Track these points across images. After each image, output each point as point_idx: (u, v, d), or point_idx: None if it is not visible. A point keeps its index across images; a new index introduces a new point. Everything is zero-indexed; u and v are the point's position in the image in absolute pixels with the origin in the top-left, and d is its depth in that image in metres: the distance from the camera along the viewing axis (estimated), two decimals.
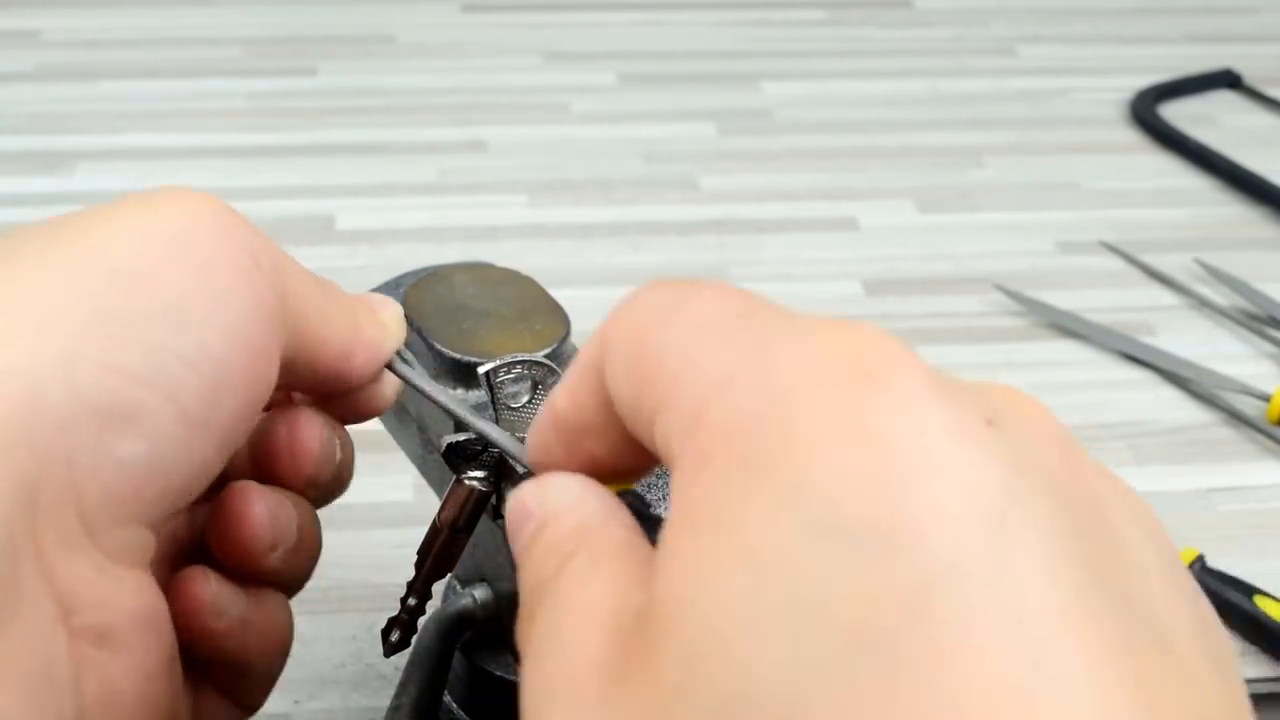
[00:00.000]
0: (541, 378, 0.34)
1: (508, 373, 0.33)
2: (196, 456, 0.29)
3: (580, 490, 0.26)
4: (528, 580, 0.26)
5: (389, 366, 0.35)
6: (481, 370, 0.33)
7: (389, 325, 0.35)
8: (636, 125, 0.84)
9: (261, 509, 0.32)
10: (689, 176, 0.79)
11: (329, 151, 0.80)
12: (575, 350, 0.43)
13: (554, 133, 0.83)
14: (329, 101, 0.85)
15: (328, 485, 0.35)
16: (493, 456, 0.34)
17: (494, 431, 0.33)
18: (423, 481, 0.44)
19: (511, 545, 0.27)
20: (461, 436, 0.34)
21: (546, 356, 0.36)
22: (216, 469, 0.30)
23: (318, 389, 0.34)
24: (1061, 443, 0.23)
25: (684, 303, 0.24)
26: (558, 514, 0.26)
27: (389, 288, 0.44)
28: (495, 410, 0.34)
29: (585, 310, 0.47)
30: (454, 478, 0.34)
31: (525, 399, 0.34)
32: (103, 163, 0.78)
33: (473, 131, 0.82)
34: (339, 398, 0.35)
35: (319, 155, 0.79)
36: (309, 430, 0.34)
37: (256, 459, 0.34)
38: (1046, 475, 0.21)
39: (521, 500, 0.27)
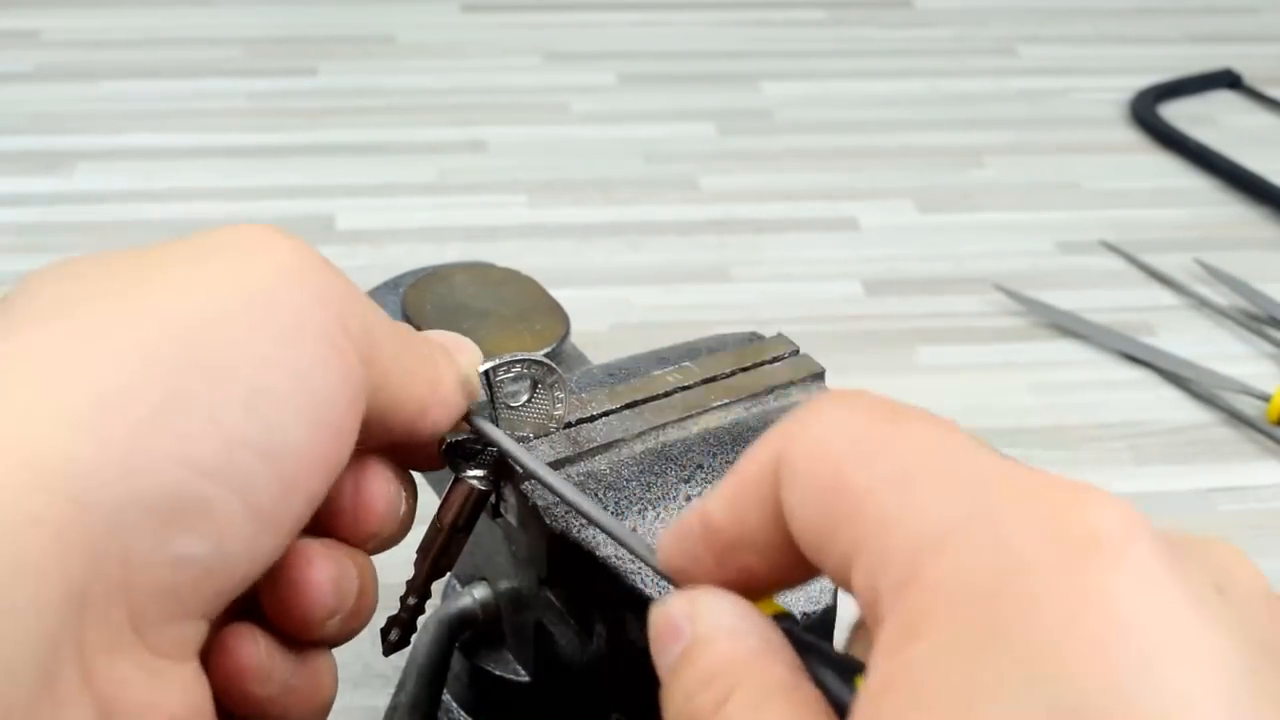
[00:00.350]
0: (541, 376, 0.34)
1: (507, 372, 0.33)
2: (261, 550, 0.27)
3: (737, 615, 0.25)
4: (677, 707, 0.24)
5: (468, 420, 0.32)
6: (481, 370, 0.33)
7: (469, 378, 0.32)
8: (636, 125, 0.84)
9: (324, 576, 0.29)
10: (689, 176, 0.79)
11: (329, 151, 0.80)
12: (575, 350, 0.43)
13: (554, 133, 0.83)
14: (329, 101, 0.85)
15: (391, 538, 0.32)
16: (492, 456, 0.34)
17: (598, 513, 0.31)
18: (423, 481, 0.44)
19: (655, 660, 0.25)
20: (462, 436, 0.34)
21: (546, 356, 0.36)
22: (277, 555, 0.28)
23: (387, 445, 0.31)
24: (1272, 603, 0.23)
25: (889, 438, 0.23)
26: (713, 639, 0.24)
27: (389, 288, 0.44)
28: (495, 410, 0.34)
29: (585, 310, 0.47)
30: (454, 477, 0.34)
31: (525, 398, 0.34)
32: (103, 163, 0.78)
33: (473, 131, 0.82)
34: (408, 448, 0.32)
35: (319, 155, 0.79)
36: (376, 487, 0.31)
37: (316, 510, 0.31)
38: (1271, 644, 0.21)
39: (669, 614, 0.25)
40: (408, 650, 0.37)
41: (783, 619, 0.25)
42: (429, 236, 0.73)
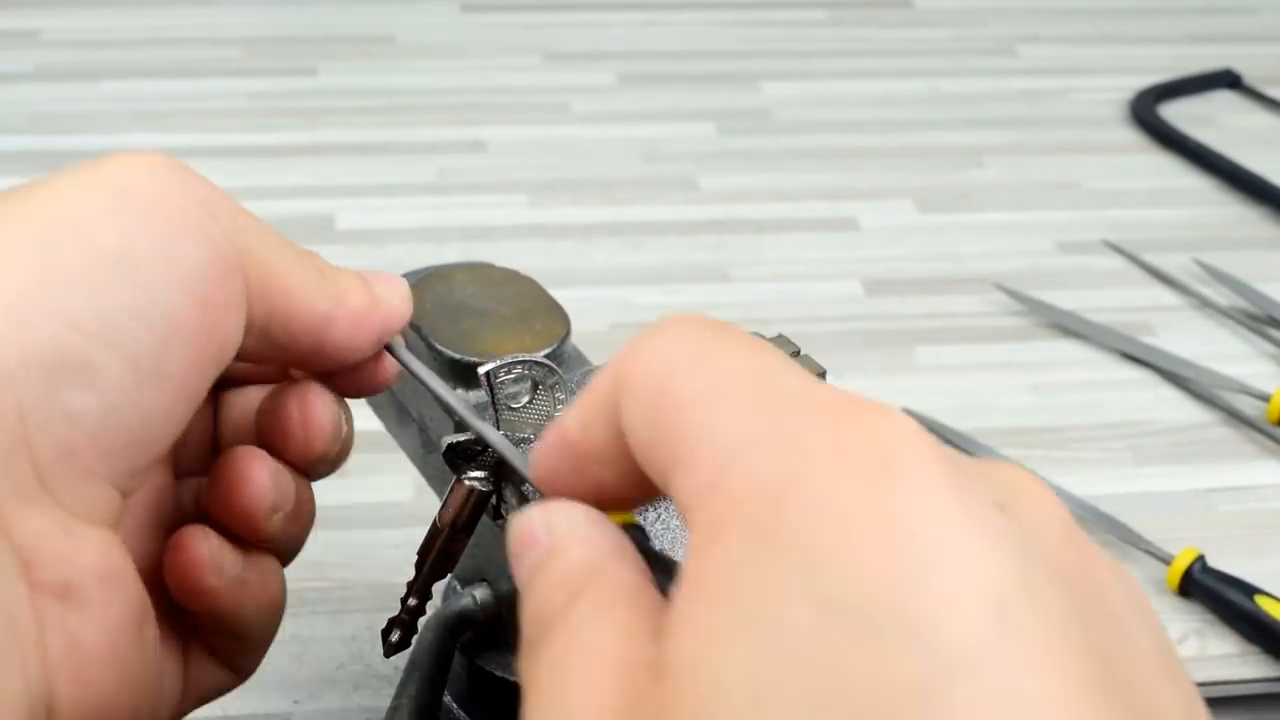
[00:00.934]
0: (542, 378, 0.34)
1: (508, 373, 0.33)
2: (151, 408, 0.29)
3: (590, 523, 0.26)
4: (532, 609, 0.26)
5: (388, 349, 0.34)
6: (481, 370, 0.33)
7: (385, 299, 0.34)
8: (636, 125, 0.84)
9: (264, 473, 0.33)
10: (689, 176, 0.79)
11: (329, 151, 0.80)
12: (575, 350, 0.43)
13: (554, 133, 0.83)
14: (329, 101, 0.85)
15: (333, 460, 0.35)
16: (493, 457, 0.34)
17: (492, 434, 0.33)
18: (423, 481, 0.44)
19: (513, 567, 0.27)
20: (462, 437, 0.34)
21: (546, 356, 0.36)
22: (178, 423, 0.30)
23: (304, 360, 0.34)
24: (1065, 526, 0.23)
25: (708, 354, 0.24)
26: (566, 545, 0.26)
27: None
28: (495, 410, 0.34)
29: (585, 310, 0.47)
30: (454, 478, 0.34)
31: (525, 399, 0.34)
32: None
33: (473, 131, 0.82)
34: (337, 373, 0.34)
35: (319, 155, 0.79)
36: (320, 406, 0.34)
37: (264, 433, 0.34)
38: (1053, 562, 0.22)
39: (527, 524, 0.27)
40: (408, 651, 0.37)
41: (632, 529, 0.27)
42: (429, 236, 0.73)
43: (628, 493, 0.27)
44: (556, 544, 0.26)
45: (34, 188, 0.30)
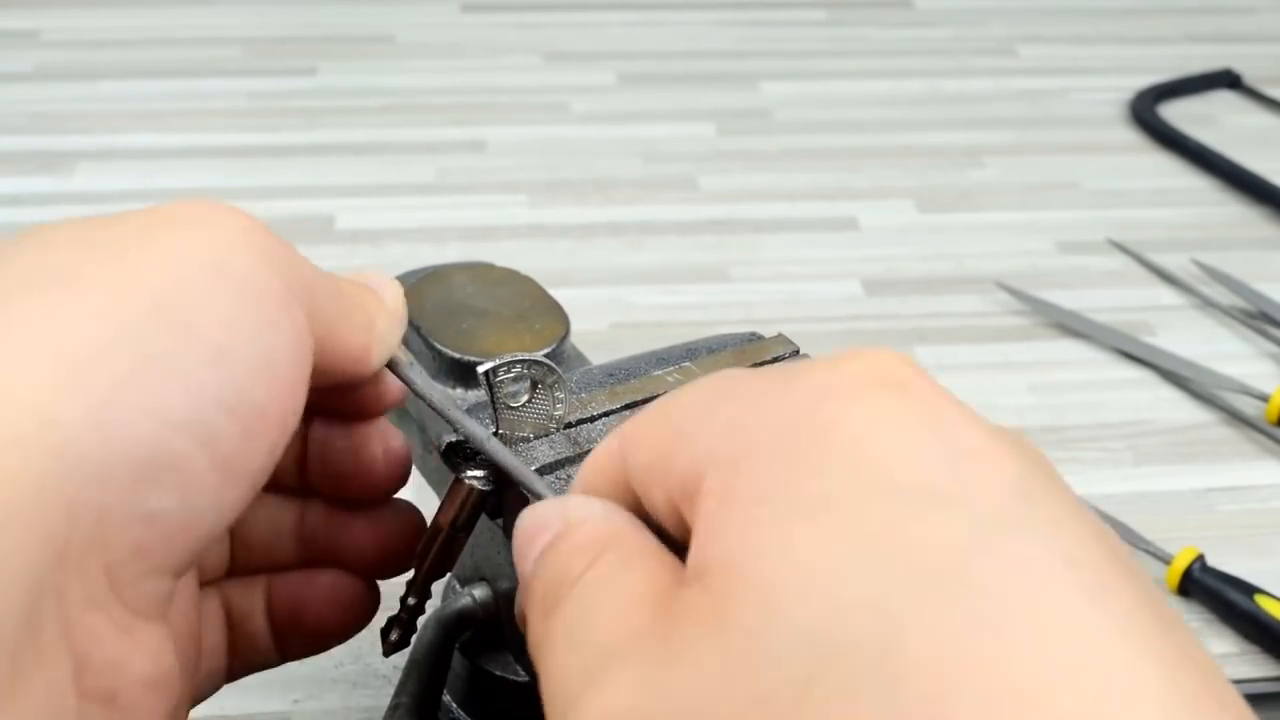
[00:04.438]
0: (541, 377, 0.34)
1: (507, 372, 0.33)
2: (227, 503, 0.28)
3: (603, 505, 0.27)
4: (547, 578, 0.26)
5: (390, 367, 0.34)
6: (481, 370, 0.33)
7: (395, 311, 0.34)
8: (636, 125, 0.84)
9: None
10: (689, 176, 0.79)
11: (329, 151, 0.80)
12: (575, 350, 0.43)
13: (554, 133, 0.83)
14: (329, 101, 0.85)
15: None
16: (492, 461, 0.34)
17: (510, 460, 0.33)
18: (422, 481, 0.44)
19: (519, 557, 0.27)
20: (461, 437, 0.34)
21: (546, 356, 0.36)
22: (241, 510, 0.29)
23: (332, 392, 0.33)
24: (1035, 464, 0.25)
25: (685, 390, 0.27)
26: (583, 522, 0.27)
27: None
28: (495, 410, 0.34)
29: (585, 310, 0.47)
30: (453, 477, 0.34)
31: (525, 398, 0.34)
32: (103, 163, 0.78)
33: (472, 131, 0.82)
34: (347, 395, 0.34)
35: (319, 155, 0.79)
36: (398, 443, 0.35)
37: (338, 471, 0.34)
38: (1045, 461, 0.25)
39: (538, 512, 0.27)
40: (407, 650, 0.37)
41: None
42: (429, 236, 0.73)
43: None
44: (572, 522, 0.27)
45: (123, 241, 0.28)
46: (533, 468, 0.34)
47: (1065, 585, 0.21)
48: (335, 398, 0.34)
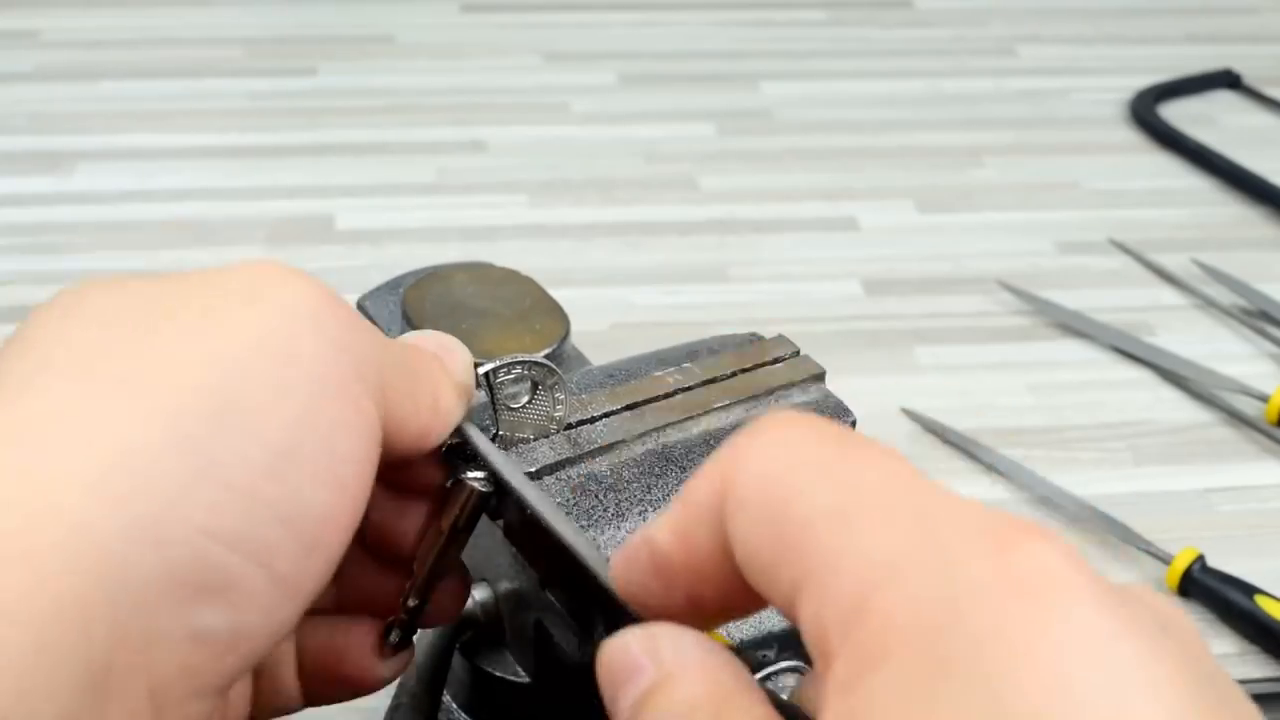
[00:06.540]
0: (541, 378, 0.34)
1: (507, 373, 0.33)
2: (280, 619, 0.26)
3: (702, 649, 0.24)
4: None
5: (460, 435, 0.31)
6: (481, 370, 0.33)
7: (463, 384, 0.31)
8: (636, 125, 0.84)
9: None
10: (689, 176, 0.79)
11: (329, 151, 0.80)
12: (575, 350, 0.43)
13: (554, 133, 0.83)
14: (328, 101, 0.85)
15: None
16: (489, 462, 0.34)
17: (580, 543, 0.29)
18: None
19: (610, 697, 0.24)
20: (459, 438, 0.34)
21: (546, 356, 0.36)
22: (296, 623, 0.27)
23: (393, 467, 0.30)
24: (1205, 645, 0.23)
25: (835, 462, 0.23)
26: (683, 672, 0.23)
27: (389, 288, 0.44)
28: (495, 410, 0.34)
29: (585, 310, 0.47)
30: (454, 478, 0.34)
31: (525, 399, 0.34)
32: (103, 163, 0.78)
33: (472, 131, 0.82)
34: (400, 470, 0.31)
35: (319, 155, 0.79)
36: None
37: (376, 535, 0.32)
38: (1219, 688, 0.22)
39: (626, 649, 0.24)
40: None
41: (739, 652, 0.24)
42: (428, 236, 0.73)
43: (723, 608, 0.25)
44: (668, 672, 0.23)
45: (183, 323, 0.26)
46: (533, 468, 0.34)
47: None
48: (388, 471, 0.31)
